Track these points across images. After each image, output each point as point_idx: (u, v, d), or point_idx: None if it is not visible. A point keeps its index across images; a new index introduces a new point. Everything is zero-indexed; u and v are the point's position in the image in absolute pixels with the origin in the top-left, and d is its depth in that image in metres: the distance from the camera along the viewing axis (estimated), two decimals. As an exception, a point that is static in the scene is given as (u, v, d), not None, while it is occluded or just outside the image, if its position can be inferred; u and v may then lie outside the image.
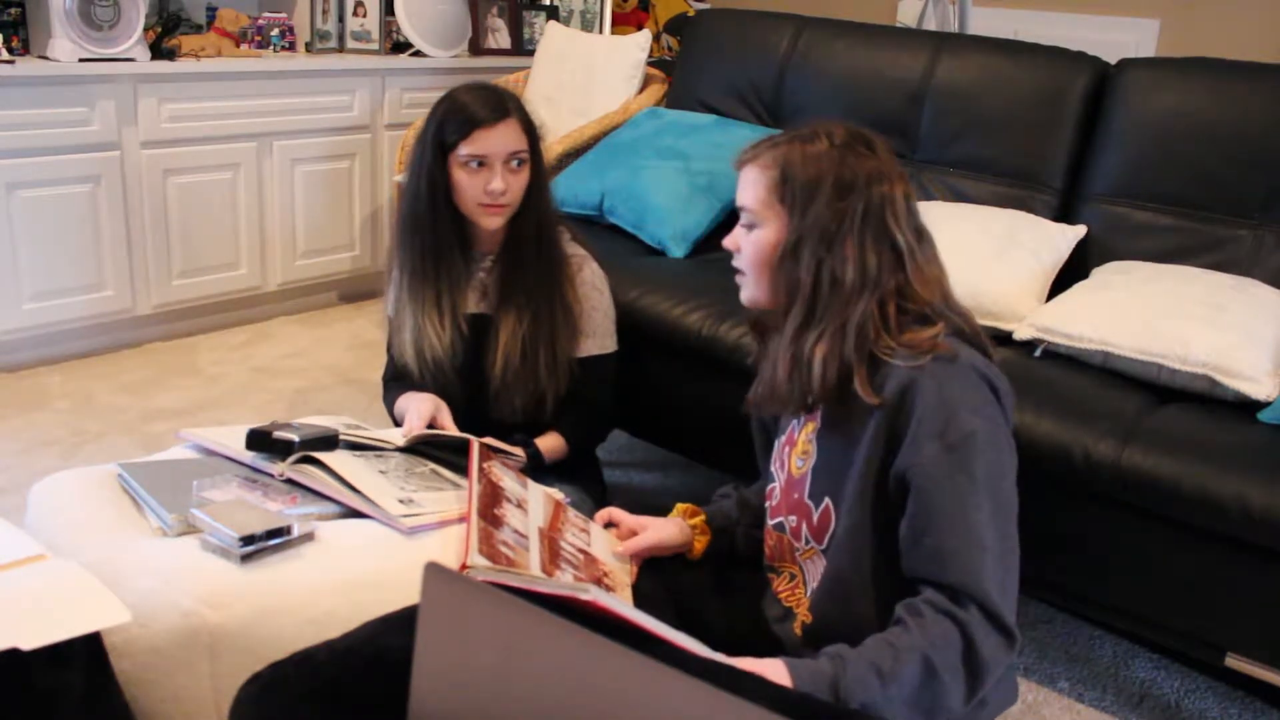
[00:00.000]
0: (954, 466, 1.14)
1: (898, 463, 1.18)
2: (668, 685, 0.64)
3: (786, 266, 1.25)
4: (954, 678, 1.11)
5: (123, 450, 2.45)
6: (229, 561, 1.27)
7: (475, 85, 1.79)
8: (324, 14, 3.48)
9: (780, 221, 1.26)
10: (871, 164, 1.25)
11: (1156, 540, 1.67)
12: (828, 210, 1.23)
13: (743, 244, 1.31)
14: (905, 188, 1.27)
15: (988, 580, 1.12)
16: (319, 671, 1.05)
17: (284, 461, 1.47)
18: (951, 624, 1.11)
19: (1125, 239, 2.23)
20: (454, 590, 0.72)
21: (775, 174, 1.26)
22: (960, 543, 1.13)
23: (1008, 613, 1.13)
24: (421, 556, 0.92)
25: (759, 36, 2.81)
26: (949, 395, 1.16)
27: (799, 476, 1.34)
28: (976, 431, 1.15)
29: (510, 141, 1.71)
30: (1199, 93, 2.21)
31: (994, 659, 1.12)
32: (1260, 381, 1.75)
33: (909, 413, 1.17)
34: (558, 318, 1.77)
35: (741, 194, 1.31)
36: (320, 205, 3.39)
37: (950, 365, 1.19)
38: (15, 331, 2.81)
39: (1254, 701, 1.86)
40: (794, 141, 1.28)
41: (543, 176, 1.78)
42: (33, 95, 2.69)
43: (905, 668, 1.10)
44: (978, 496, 1.14)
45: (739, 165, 1.32)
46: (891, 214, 1.24)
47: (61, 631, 1.03)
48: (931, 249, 1.30)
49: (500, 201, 1.72)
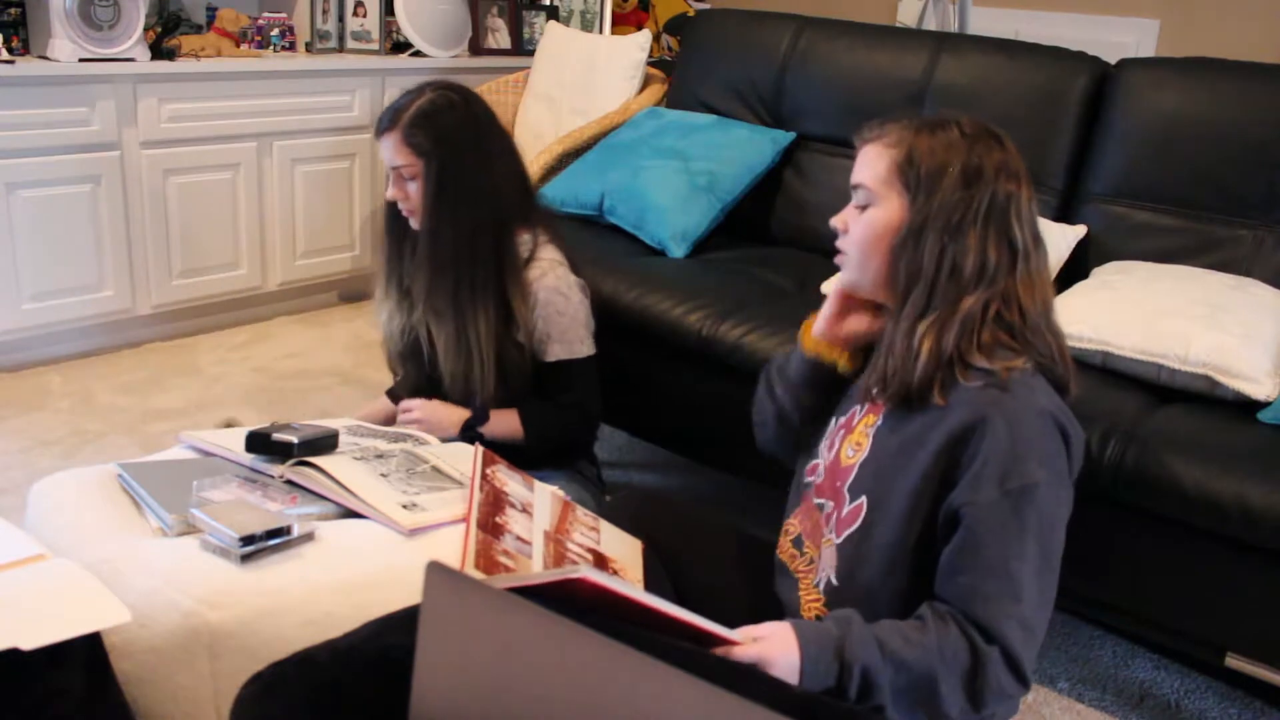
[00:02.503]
0: (1008, 514, 1.12)
1: (953, 496, 1.15)
2: (669, 684, 0.64)
3: (909, 251, 1.21)
4: (952, 693, 1.10)
5: (123, 450, 2.45)
6: (229, 561, 1.27)
7: (414, 89, 1.80)
8: (324, 14, 3.48)
9: (900, 203, 1.23)
10: (1000, 157, 1.22)
11: (1157, 540, 1.67)
12: (954, 197, 1.20)
13: (852, 224, 1.27)
14: (1029, 189, 1.24)
15: (1016, 630, 1.11)
16: (319, 671, 1.05)
17: (283, 464, 1.47)
18: (969, 650, 1.10)
19: (1125, 239, 2.23)
20: (456, 590, 0.72)
21: (900, 154, 1.23)
22: (997, 589, 1.12)
23: (1026, 661, 1.11)
24: (422, 557, 0.92)
25: (759, 36, 2.81)
26: (1018, 440, 1.13)
27: (846, 466, 1.31)
28: (1039, 484, 1.12)
29: (390, 155, 1.76)
30: (1199, 93, 2.21)
31: (997, 696, 1.11)
32: (1260, 381, 1.75)
33: (975, 448, 1.14)
34: (469, 333, 1.79)
35: (859, 171, 1.27)
36: (320, 205, 3.39)
37: (1026, 406, 1.15)
38: (15, 331, 2.81)
39: (1254, 701, 1.86)
40: (922, 126, 1.24)
41: (450, 192, 1.76)
42: (33, 95, 2.69)
43: (910, 659, 1.10)
44: (1026, 547, 1.12)
45: (861, 142, 1.28)
46: (1015, 211, 1.21)
47: (61, 631, 1.03)
48: (1045, 258, 1.27)
49: (404, 209, 1.80)
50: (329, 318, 3.48)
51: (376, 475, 1.47)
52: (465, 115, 1.78)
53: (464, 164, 1.76)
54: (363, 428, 1.74)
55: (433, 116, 1.75)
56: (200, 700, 1.23)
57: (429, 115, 1.75)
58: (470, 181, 1.77)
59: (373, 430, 1.73)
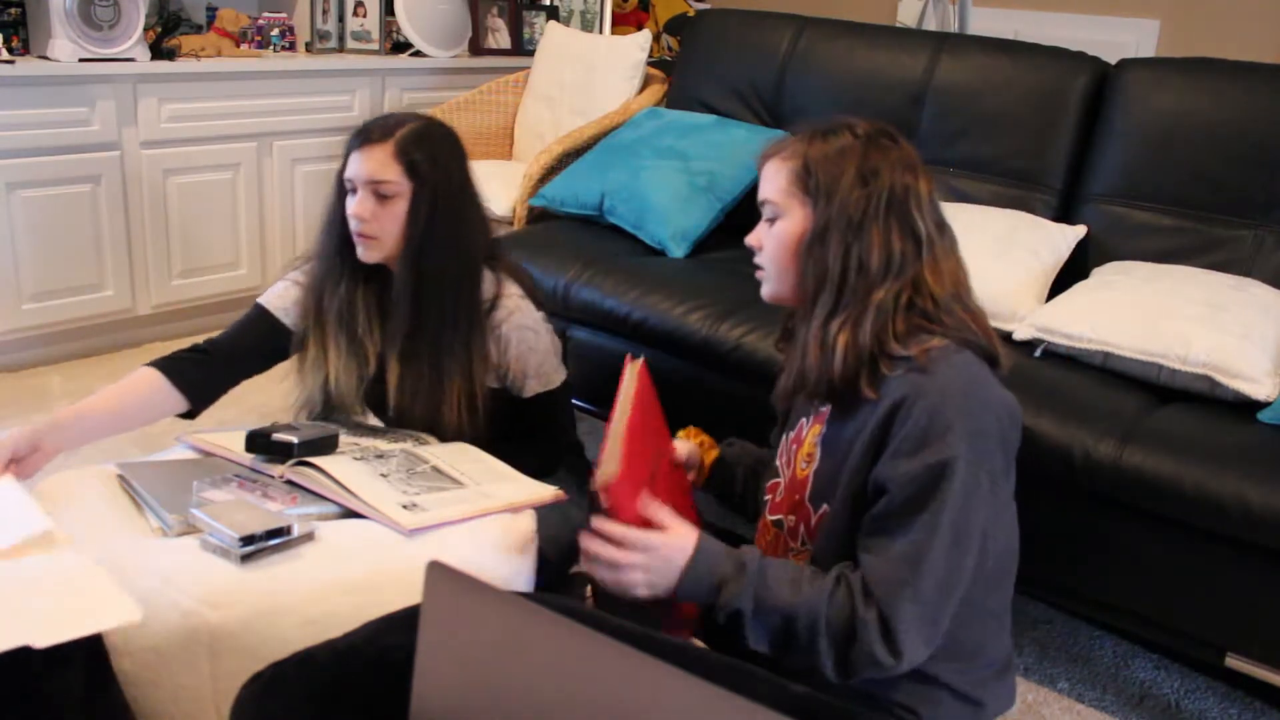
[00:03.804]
0: (925, 486, 1.14)
1: (877, 470, 1.18)
2: (669, 684, 0.64)
3: (815, 254, 1.25)
4: (826, 652, 1.14)
5: (123, 450, 2.45)
6: (229, 561, 1.27)
7: (396, 114, 1.69)
8: (324, 14, 3.48)
9: (803, 211, 1.27)
10: (895, 153, 1.26)
11: (1156, 540, 1.67)
12: (852, 196, 1.23)
13: (765, 239, 1.31)
14: (928, 180, 1.28)
15: (904, 602, 1.12)
16: (319, 671, 1.05)
17: (283, 464, 1.47)
18: (848, 612, 1.14)
19: (1125, 239, 2.23)
20: (456, 590, 0.72)
21: (797, 165, 1.27)
22: (898, 558, 1.13)
23: (904, 634, 1.12)
24: (422, 557, 0.92)
25: (759, 36, 2.81)
26: (936, 416, 1.15)
27: (802, 478, 1.35)
28: (958, 458, 1.13)
29: (374, 168, 1.60)
30: (1199, 93, 2.21)
31: (868, 663, 1.14)
32: (1260, 381, 1.75)
33: (897, 428, 1.17)
34: (444, 375, 1.66)
35: (764, 188, 1.31)
36: (320, 205, 3.37)
37: (946, 383, 1.17)
38: (15, 331, 2.81)
39: (1254, 701, 1.86)
40: (815, 135, 1.28)
41: (437, 224, 1.63)
42: (33, 95, 2.69)
43: (788, 608, 1.15)
44: (938, 520, 1.13)
45: (761, 161, 1.32)
46: (915, 202, 1.25)
47: (73, 630, 1.02)
48: (951, 242, 1.30)
49: (362, 230, 1.62)
50: (329, 318, 3.47)
51: (376, 475, 1.47)
52: (457, 147, 1.70)
53: (456, 196, 1.66)
54: (363, 427, 1.74)
55: (431, 141, 1.65)
56: (200, 700, 1.23)
57: (427, 138, 1.64)
58: (461, 214, 1.67)
59: (373, 430, 1.73)
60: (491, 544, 1.40)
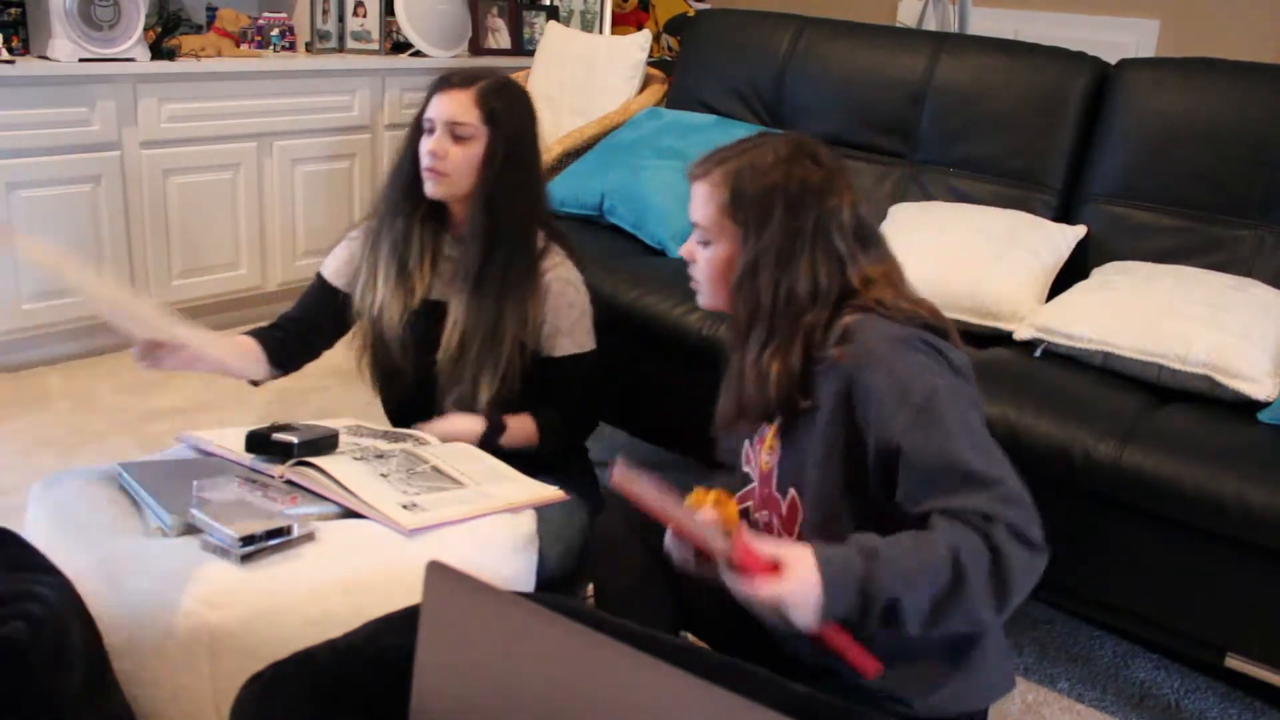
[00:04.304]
0: (928, 424, 1.17)
1: (876, 441, 1.21)
2: (669, 684, 0.64)
3: (745, 289, 1.29)
4: (980, 590, 1.10)
5: (123, 450, 2.45)
6: (229, 561, 1.27)
7: (478, 69, 1.79)
8: (324, 14, 3.48)
9: (733, 240, 1.30)
10: (819, 176, 1.29)
11: (1156, 540, 1.67)
12: (781, 231, 1.27)
13: (698, 256, 1.35)
14: (851, 195, 1.31)
15: (999, 505, 1.12)
16: (319, 671, 1.05)
17: (283, 464, 1.47)
18: (978, 536, 1.11)
19: (1125, 239, 2.23)
20: (455, 590, 0.72)
21: (726, 195, 1.30)
22: (959, 485, 1.15)
23: (1026, 524, 1.12)
24: (422, 557, 0.92)
25: (759, 36, 2.81)
26: (893, 369, 1.20)
27: (767, 471, 1.38)
28: (938, 388, 1.18)
29: (455, 110, 1.69)
30: (1199, 93, 2.21)
31: (1021, 573, 1.11)
32: (1260, 381, 1.75)
33: (865, 399, 1.21)
34: (505, 317, 1.74)
35: (694, 210, 1.34)
36: (320, 205, 3.39)
37: (878, 341, 1.23)
38: (15, 331, 2.80)
39: (1254, 701, 1.86)
40: (743, 162, 1.31)
41: (508, 170, 1.72)
42: (33, 95, 2.69)
43: (934, 563, 1.09)
44: (958, 440, 1.17)
45: (691, 179, 1.36)
46: (836, 226, 1.28)
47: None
48: (878, 249, 1.33)
49: (434, 166, 1.71)
50: (329, 318, 3.48)
51: (376, 475, 1.47)
52: (531, 108, 1.79)
53: (528, 150, 1.76)
54: (363, 428, 1.74)
55: (510, 94, 1.74)
56: (200, 700, 1.23)
57: (506, 91, 1.74)
58: (530, 164, 1.77)
59: (372, 430, 1.73)
60: (491, 544, 1.40)
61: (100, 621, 1.21)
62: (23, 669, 1.01)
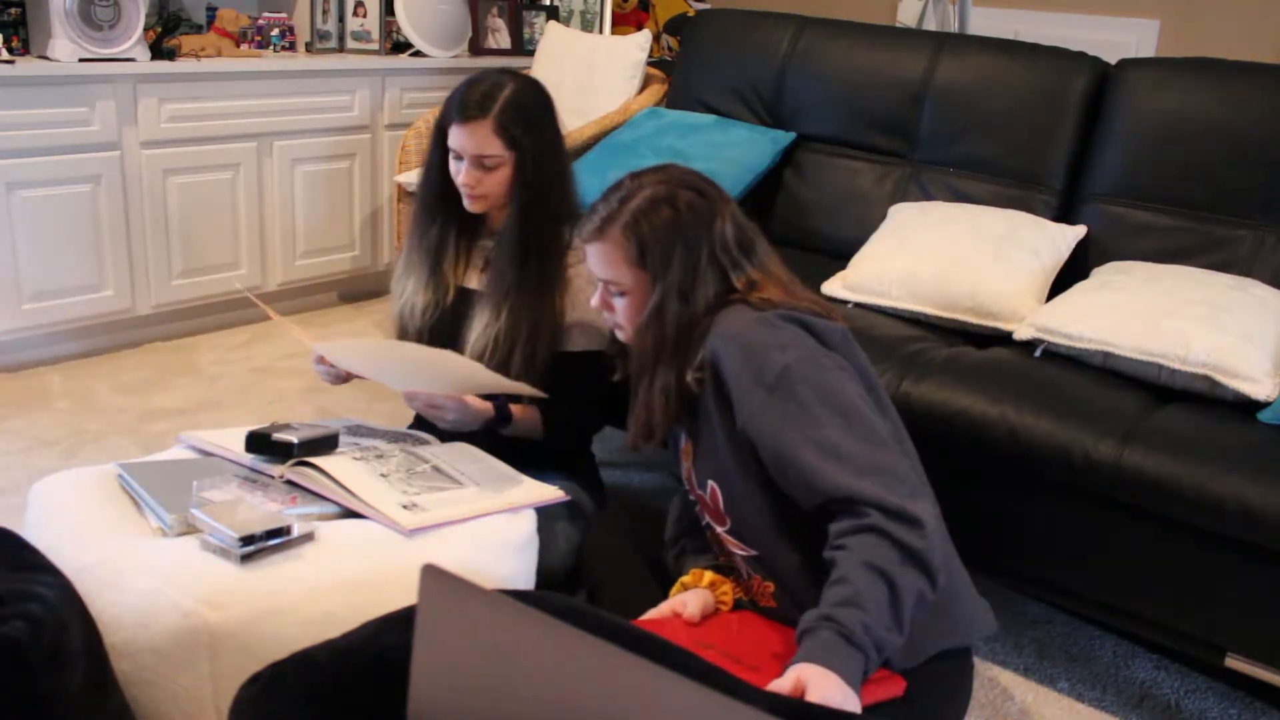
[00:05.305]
0: (782, 401, 1.21)
1: (737, 424, 1.27)
2: (666, 688, 0.64)
3: (653, 327, 1.36)
4: (904, 573, 1.13)
5: (123, 450, 2.45)
6: (229, 561, 1.27)
7: (485, 75, 1.79)
8: (324, 14, 3.48)
9: (643, 284, 1.37)
10: (702, 204, 1.36)
11: (1157, 540, 1.67)
12: (681, 266, 1.34)
13: (615, 305, 1.41)
14: (728, 208, 1.38)
15: (866, 483, 1.16)
16: (319, 671, 1.05)
17: (283, 464, 1.47)
18: (871, 536, 1.14)
19: (1125, 239, 2.23)
20: (452, 592, 0.72)
21: (632, 248, 1.36)
22: (817, 460, 1.18)
23: (900, 500, 1.16)
24: (422, 557, 0.92)
25: (759, 36, 2.81)
26: (746, 348, 1.25)
27: (689, 474, 1.43)
28: (789, 364, 1.23)
29: (477, 144, 1.72)
30: (1199, 93, 2.21)
31: (916, 546, 1.14)
32: (1260, 381, 1.75)
33: (724, 377, 1.27)
34: (540, 319, 1.76)
35: (600, 269, 1.40)
36: (320, 205, 3.39)
37: (735, 323, 1.28)
38: (15, 331, 2.81)
39: (1254, 701, 1.86)
40: (626, 208, 1.36)
41: (538, 179, 1.75)
42: (33, 95, 2.69)
43: (869, 590, 1.12)
44: (816, 416, 1.20)
45: (586, 240, 1.41)
46: (723, 246, 1.35)
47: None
48: (759, 256, 1.39)
49: (472, 194, 1.76)
50: (329, 318, 3.48)
51: (376, 475, 1.47)
52: (547, 107, 1.80)
53: (550, 154, 1.78)
54: (363, 428, 1.74)
55: (524, 108, 1.75)
56: (200, 700, 1.23)
57: (521, 106, 1.74)
58: (559, 166, 1.81)
59: (372, 430, 1.73)
60: (491, 544, 1.40)
61: (100, 621, 1.21)
62: (23, 669, 1.02)
